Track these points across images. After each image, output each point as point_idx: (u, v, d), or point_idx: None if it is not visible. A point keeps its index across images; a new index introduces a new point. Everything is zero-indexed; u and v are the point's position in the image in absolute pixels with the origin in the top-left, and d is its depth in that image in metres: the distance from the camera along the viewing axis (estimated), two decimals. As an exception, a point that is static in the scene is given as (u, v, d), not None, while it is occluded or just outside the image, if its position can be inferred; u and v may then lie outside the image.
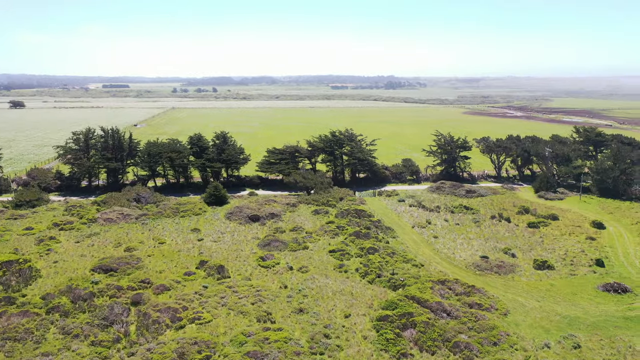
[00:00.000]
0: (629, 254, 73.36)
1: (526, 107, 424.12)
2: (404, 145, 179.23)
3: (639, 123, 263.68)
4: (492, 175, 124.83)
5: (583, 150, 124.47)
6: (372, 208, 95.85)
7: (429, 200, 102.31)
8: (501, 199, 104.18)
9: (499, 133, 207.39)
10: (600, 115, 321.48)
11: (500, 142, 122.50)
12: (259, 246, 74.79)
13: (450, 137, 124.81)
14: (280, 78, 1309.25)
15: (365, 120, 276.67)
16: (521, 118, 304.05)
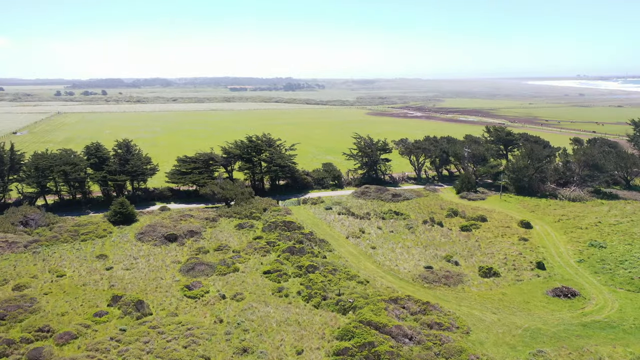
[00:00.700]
0: (562, 253, 73.64)
1: (422, 107, 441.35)
2: (317, 148, 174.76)
3: (528, 121, 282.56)
4: (413, 177, 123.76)
5: (495, 150, 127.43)
6: (300, 218, 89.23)
7: (356, 206, 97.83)
8: (427, 201, 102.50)
9: (405, 133, 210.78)
10: (490, 114, 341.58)
11: (419, 144, 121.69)
12: (181, 272, 65.07)
13: (370, 140, 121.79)
14: (176, 80, 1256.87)
15: (273, 122, 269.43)
16: (421, 118, 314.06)
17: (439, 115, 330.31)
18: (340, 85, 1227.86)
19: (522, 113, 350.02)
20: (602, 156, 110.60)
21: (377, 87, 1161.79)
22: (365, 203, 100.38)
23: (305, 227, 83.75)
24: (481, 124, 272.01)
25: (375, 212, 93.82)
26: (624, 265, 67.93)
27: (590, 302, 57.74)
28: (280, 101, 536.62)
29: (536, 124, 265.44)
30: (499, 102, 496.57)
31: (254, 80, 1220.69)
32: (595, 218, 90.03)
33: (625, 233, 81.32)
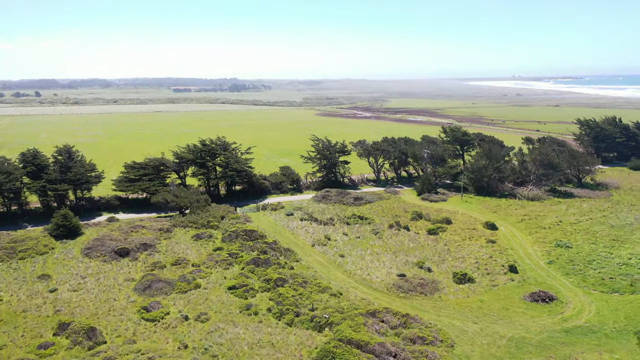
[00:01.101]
0: (531, 255, 72.99)
1: (370, 107, 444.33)
2: (271, 150, 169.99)
3: (474, 121, 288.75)
4: (372, 179, 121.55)
5: (451, 150, 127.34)
6: (261, 226, 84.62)
7: (318, 211, 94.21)
8: (389, 204, 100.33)
9: (358, 134, 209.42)
10: (437, 114, 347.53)
11: (378, 145, 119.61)
12: (136, 291, 59.19)
13: (328, 142, 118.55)
14: (115, 81, 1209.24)
15: (222, 124, 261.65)
16: (370, 118, 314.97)
17: (387, 116, 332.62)
18: (286, 86, 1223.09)
19: (468, 113, 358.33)
20: (556, 155, 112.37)
21: (323, 87, 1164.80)
22: (327, 207, 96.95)
23: (267, 235, 79.27)
24: (430, 123, 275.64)
25: (338, 217, 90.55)
26: (593, 265, 67.85)
27: (568, 306, 56.75)
28: (227, 102, 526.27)
29: (482, 124, 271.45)
30: (443, 102, 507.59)
31: (197, 81, 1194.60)
32: (555, 217, 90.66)
33: (587, 232, 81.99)
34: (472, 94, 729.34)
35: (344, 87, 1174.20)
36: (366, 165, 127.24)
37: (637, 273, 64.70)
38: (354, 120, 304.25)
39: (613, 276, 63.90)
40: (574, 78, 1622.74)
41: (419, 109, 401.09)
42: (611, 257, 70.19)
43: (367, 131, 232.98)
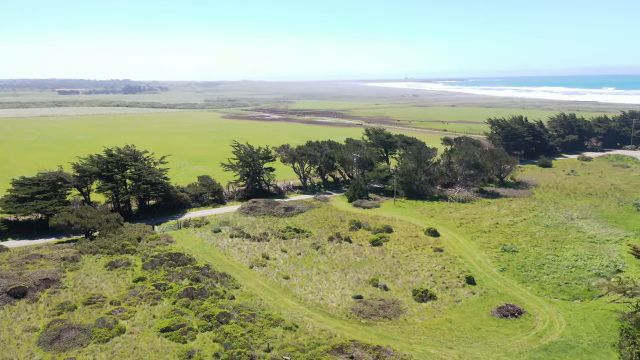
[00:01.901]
0: (481, 262, 70.13)
1: (276, 109, 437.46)
2: (182, 157, 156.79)
3: (382, 121, 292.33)
4: (298, 185, 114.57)
5: (376, 152, 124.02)
6: (186, 247, 74.25)
7: (248, 225, 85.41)
8: (322, 213, 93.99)
9: (272, 137, 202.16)
10: (345, 115, 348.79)
11: (304, 150, 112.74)
12: (42, 345, 47.17)
13: (250, 148, 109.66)
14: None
15: (122, 130, 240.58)
16: (280, 120, 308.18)
17: (296, 117, 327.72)
18: (184, 87, 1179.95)
19: (374, 113, 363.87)
20: (480, 156, 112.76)
21: (222, 89, 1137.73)
22: (257, 220, 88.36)
23: (197, 258, 69.27)
24: (340, 125, 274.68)
25: (272, 230, 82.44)
26: (544, 270, 66.22)
27: (537, 319, 53.66)
28: (122, 105, 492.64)
29: (391, 124, 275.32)
30: (348, 104, 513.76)
31: (86, 83, 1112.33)
32: (491, 219, 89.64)
33: (526, 234, 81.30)
34: (373, 95, 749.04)
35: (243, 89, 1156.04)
36: (291, 171, 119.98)
37: (588, 276, 63.83)
38: (263, 122, 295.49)
39: (568, 281, 62.42)
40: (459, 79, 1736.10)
41: (326, 111, 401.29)
42: (558, 260, 69.20)
43: (279, 134, 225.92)
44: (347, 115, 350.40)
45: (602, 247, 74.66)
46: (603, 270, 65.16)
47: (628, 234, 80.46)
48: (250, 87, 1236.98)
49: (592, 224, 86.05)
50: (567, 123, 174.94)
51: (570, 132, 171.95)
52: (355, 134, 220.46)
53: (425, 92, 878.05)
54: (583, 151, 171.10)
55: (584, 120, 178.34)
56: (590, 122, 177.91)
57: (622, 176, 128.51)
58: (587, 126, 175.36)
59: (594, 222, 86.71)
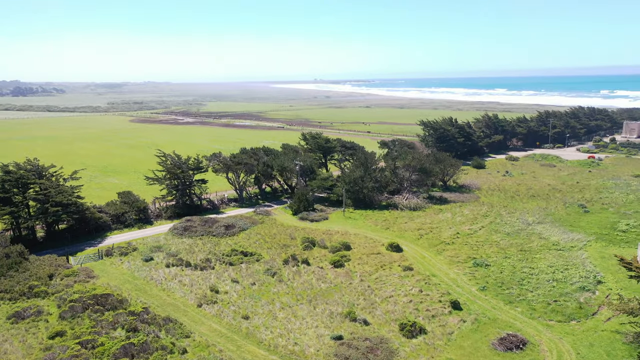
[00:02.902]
0: (457, 281, 63.71)
1: (188, 112, 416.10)
2: (91, 168, 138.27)
3: (303, 123, 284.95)
4: (233, 197, 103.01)
5: (315, 158, 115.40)
6: (113, 283, 60.93)
7: (186, 250, 73.13)
8: (268, 230, 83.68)
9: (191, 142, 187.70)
10: (263, 117, 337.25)
11: (239, 158, 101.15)
12: None
13: (178, 158, 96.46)
14: None
15: (14, 137, 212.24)
16: (195, 124, 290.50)
17: (212, 121, 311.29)
18: (83, 89, 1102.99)
19: (292, 115, 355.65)
20: (425, 159, 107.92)
21: (126, 91, 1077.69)
22: (194, 243, 76.20)
23: (130, 298, 56.48)
24: (261, 128, 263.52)
25: (215, 255, 70.91)
26: (526, 286, 61.05)
27: (542, 349, 47.61)
28: (12, 109, 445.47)
29: (313, 126, 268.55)
30: (263, 105, 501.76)
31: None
32: (449, 228, 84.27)
33: (490, 243, 76.56)
34: (284, 97, 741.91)
35: (150, 91, 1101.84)
36: (223, 182, 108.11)
37: (572, 291, 59.44)
38: (177, 126, 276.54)
39: (555, 298, 57.51)
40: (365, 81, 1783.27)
41: (243, 113, 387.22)
42: (536, 274, 64.53)
43: (197, 138, 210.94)
44: (265, 117, 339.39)
45: (571, 254, 71.40)
46: (585, 283, 61.17)
47: (589, 239, 78.28)
48: (157, 89, 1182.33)
49: (551, 229, 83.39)
50: (492, 124, 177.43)
51: (495, 132, 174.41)
52: (281, 138, 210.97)
53: (336, 93, 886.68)
54: (507, 151, 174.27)
55: (506, 121, 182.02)
56: (512, 123, 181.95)
57: (554, 176, 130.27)
58: (510, 126, 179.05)
59: (551, 227, 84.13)
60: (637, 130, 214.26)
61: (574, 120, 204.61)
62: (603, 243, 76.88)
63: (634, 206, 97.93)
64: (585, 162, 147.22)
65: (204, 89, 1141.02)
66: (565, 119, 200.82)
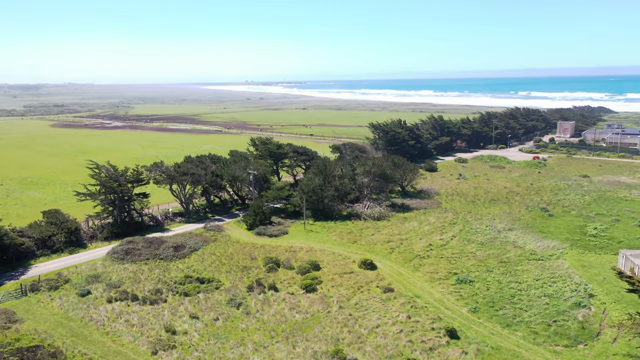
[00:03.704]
0: (444, 302, 57.80)
1: (115, 115, 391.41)
2: (8, 181, 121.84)
3: (241, 127, 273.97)
4: (179, 211, 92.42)
5: (265, 166, 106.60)
6: (42, 328, 49.81)
7: (130, 279, 62.57)
8: (223, 249, 74.40)
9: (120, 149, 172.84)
10: (198, 120, 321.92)
11: (185, 168, 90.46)
12: None
13: (113, 168, 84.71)
14: None
15: None
16: (125, 128, 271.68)
17: (144, 124, 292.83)
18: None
19: (228, 118, 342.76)
20: (386, 164, 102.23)
21: (45, 93, 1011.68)
22: (139, 269, 65.70)
23: (65, 349, 45.86)
24: (198, 132, 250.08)
25: (166, 283, 61.03)
26: (518, 304, 56.13)
27: (559, 383, 42.26)
28: None
29: (252, 129, 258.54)
30: (196, 108, 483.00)
31: None
32: (420, 239, 78.76)
33: (467, 255, 71.63)
34: (217, 98, 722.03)
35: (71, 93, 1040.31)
36: (165, 194, 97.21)
37: (568, 307, 55.15)
38: (105, 131, 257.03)
39: (554, 318, 52.84)
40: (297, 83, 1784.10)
41: (176, 116, 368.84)
42: (524, 289, 59.94)
43: (128, 144, 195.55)
44: (200, 120, 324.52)
45: (552, 265, 67.70)
46: (578, 298, 57.11)
47: (563, 246, 75.29)
48: (79, 91, 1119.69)
49: (522, 236, 79.91)
50: (438, 125, 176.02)
51: (441, 134, 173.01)
52: (221, 142, 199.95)
53: (270, 94, 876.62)
54: (453, 152, 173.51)
55: (452, 122, 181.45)
56: (458, 124, 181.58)
57: (506, 177, 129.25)
58: (455, 128, 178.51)
59: (523, 234, 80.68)
60: (570, 130, 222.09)
61: (513, 121, 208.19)
62: (578, 250, 74.10)
63: (593, 208, 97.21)
64: (532, 163, 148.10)
65: (131, 91, 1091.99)
66: (505, 120, 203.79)
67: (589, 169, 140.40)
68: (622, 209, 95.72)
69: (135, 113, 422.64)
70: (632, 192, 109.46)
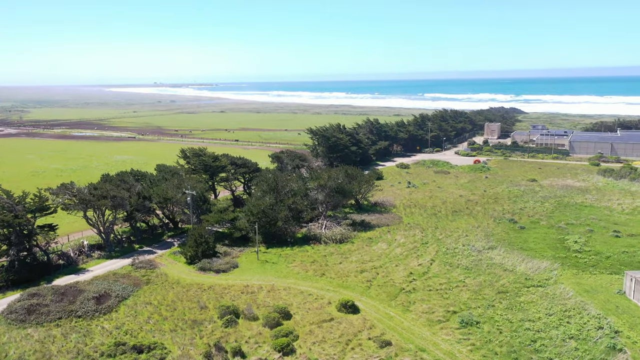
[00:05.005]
0: (456, 355, 46.65)
1: (8, 120, 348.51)
2: None
3: (157, 132, 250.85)
4: (96, 243, 74.40)
5: (200, 181, 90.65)
6: None
7: (36, 354, 45.36)
8: (162, 295, 58.57)
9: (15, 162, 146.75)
10: (107, 126, 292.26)
11: (102, 190, 72.30)
12: None
13: (7, 195, 65.40)
14: None
15: None
16: (20, 136, 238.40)
17: (43, 131, 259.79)
18: None
19: (140, 123, 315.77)
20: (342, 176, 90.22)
21: None
22: (48, 335, 48.50)
23: None
24: (108, 139, 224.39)
25: (89, 358, 44.61)
26: (544, 352, 46.29)
27: None
28: None
29: (169, 135, 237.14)
30: (103, 112, 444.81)
31: None
32: (396, 266, 67.59)
33: (458, 285, 61.41)
34: (125, 102, 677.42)
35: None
36: (77, 221, 78.61)
37: (602, 352, 46.10)
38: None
39: (594, 370, 43.45)
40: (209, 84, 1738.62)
41: (80, 121, 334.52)
42: (542, 330, 50.35)
43: (26, 155, 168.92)
44: (109, 125, 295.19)
45: (554, 292, 59.13)
46: (607, 339, 48.31)
47: (554, 266, 67.43)
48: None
49: (506, 255, 71.30)
50: (375, 129, 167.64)
51: (379, 138, 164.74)
52: (136, 151, 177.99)
53: (182, 97, 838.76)
54: (391, 157, 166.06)
55: (389, 126, 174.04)
56: (395, 128, 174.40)
57: (456, 184, 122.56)
58: (392, 131, 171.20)
59: (505, 254, 72.10)
60: (497, 132, 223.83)
61: (444, 123, 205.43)
62: (571, 270, 66.50)
63: (559, 217, 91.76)
64: (475, 167, 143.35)
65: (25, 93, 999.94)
66: (438, 122, 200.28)
67: (531, 172, 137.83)
68: (588, 217, 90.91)
69: (31, 118, 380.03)
70: (587, 197, 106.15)
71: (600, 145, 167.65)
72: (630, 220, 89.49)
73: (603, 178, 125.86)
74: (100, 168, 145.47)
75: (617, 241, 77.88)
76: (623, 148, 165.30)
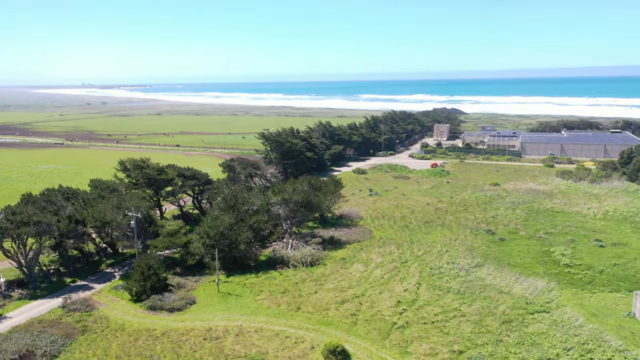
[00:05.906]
0: (475, 411, 38.57)
1: None
2: None
3: (87, 137, 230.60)
4: (18, 279, 60.91)
5: (144, 198, 78.39)
6: None
7: None
8: (102, 350, 46.89)
9: None
10: (29, 131, 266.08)
11: (23, 215, 58.88)
12: None
13: None
14: None
15: None
16: None
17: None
18: None
19: (69, 127, 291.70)
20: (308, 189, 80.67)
21: None
22: None
23: None
24: (31, 146, 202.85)
25: None
26: (576, 402, 39.16)
27: None
28: None
29: (104, 141, 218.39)
30: (26, 115, 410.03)
31: None
32: (381, 294, 59.17)
33: (455, 315, 53.76)
34: (51, 104, 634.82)
35: None
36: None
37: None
38: None
39: None
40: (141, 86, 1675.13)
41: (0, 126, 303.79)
42: (564, 370, 43.46)
43: None
44: (33, 130, 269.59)
45: (562, 318, 52.63)
46: (639, 377, 42.04)
47: (551, 285, 61.39)
48: None
49: (497, 274, 64.64)
50: (328, 132, 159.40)
51: (333, 142, 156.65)
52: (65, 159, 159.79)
53: (114, 98, 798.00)
54: (345, 162, 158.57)
55: (342, 129, 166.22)
56: (348, 131, 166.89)
57: (418, 190, 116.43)
58: (346, 135, 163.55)
59: (495, 272, 65.47)
60: (446, 133, 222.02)
61: (395, 125, 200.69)
62: (570, 290, 60.70)
63: (534, 225, 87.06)
64: (435, 172, 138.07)
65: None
66: (390, 124, 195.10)
67: (490, 175, 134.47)
68: (564, 225, 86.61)
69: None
70: (555, 202, 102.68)
71: (550, 146, 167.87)
72: (606, 227, 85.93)
73: (563, 181, 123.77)
74: (22, 180, 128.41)
75: (603, 251, 73.41)
76: (572, 149, 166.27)
